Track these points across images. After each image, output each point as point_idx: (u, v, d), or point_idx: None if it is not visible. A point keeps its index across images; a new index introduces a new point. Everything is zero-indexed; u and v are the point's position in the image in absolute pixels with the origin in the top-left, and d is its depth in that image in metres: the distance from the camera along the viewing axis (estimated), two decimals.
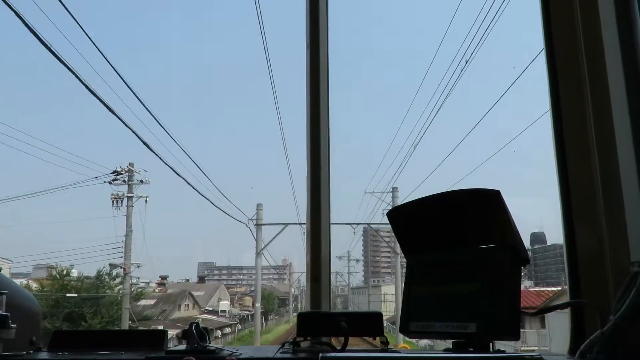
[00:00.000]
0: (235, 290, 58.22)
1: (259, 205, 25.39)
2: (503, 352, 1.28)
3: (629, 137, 1.31)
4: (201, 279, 49.31)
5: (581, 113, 1.55)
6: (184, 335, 1.43)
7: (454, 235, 1.45)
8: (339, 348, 1.45)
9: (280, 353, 1.45)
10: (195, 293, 39.62)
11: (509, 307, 1.24)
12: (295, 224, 24.76)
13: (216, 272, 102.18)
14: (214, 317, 35.89)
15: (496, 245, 1.35)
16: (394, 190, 24.70)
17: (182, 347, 1.45)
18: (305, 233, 1.89)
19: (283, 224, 24.94)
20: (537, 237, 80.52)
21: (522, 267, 1.31)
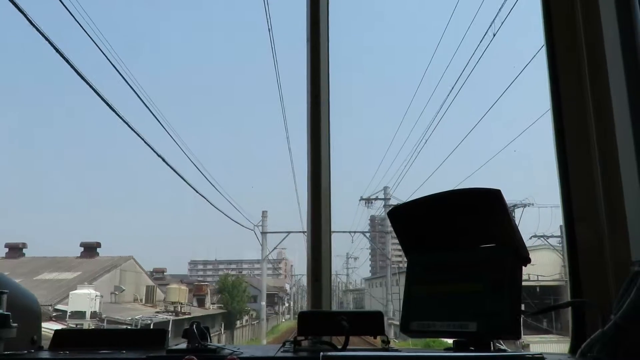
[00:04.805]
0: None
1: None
2: (504, 351, 1.29)
3: (629, 136, 1.32)
4: (88, 249, 26.36)
5: (582, 112, 1.55)
6: (185, 334, 1.42)
7: (454, 235, 1.45)
8: (339, 347, 1.45)
9: (282, 352, 1.45)
10: (56, 276, 21.73)
11: (509, 307, 1.25)
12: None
13: (200, 266, 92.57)
14: (61, 326, 13.13)
15: (497, 245, 1.35)
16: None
17: (183, 346, 1.44)
18: (306, 233, 1.88)
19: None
20: None
21: (523, 266, 1.32)
